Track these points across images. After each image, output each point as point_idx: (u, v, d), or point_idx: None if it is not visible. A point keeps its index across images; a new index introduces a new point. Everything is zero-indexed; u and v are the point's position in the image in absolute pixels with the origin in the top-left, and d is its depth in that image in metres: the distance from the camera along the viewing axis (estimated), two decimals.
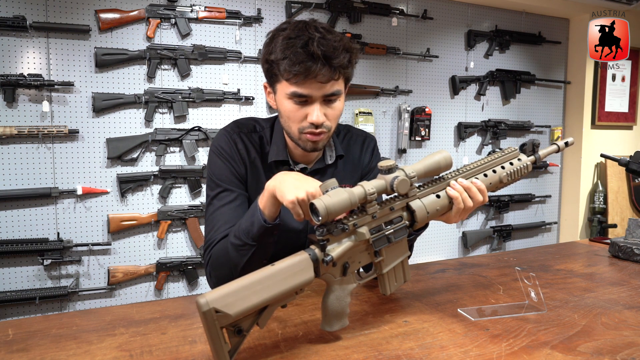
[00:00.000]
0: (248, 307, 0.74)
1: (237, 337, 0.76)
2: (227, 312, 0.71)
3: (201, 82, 2.71)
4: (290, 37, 1.00)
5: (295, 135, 1.08)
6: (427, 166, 0.93)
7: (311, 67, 0.98)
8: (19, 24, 2.27)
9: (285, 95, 1.04)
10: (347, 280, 0.87)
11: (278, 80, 1.05)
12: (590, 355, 0.82)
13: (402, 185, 0.88)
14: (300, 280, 0.80)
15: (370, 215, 0.88)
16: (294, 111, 1.05)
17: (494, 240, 3.67)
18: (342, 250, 0.84)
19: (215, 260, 1.08)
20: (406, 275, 0.97)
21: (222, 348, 0.73)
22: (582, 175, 3.88)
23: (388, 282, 0.94)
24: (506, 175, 1.04)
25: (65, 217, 2.47)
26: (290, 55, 0.98)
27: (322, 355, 0.81)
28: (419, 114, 3.26)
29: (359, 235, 0.86)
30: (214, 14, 2.68)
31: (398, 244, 0.93)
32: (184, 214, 2.66)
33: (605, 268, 1.42)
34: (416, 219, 0.93)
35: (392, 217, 0.91)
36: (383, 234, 0.90)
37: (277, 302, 0.79)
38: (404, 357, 0.81)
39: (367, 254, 0.89)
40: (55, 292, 2.38)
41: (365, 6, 3.05)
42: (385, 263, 0.92)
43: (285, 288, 0.78)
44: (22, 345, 0.85)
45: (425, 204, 0.94)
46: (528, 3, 3.52)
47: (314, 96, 1.03)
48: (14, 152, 2.35)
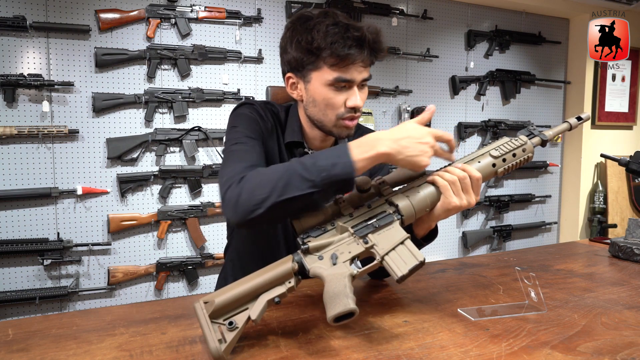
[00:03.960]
0: (232, 295, 0.81)
1: (231, 331, 0.79)
2: (212, 300, 0.80)
3: (201, 82, 2.71)
4: (333, 24, 1.02)
5: (331, 123, 1.09)
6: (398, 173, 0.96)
7: (360, 52, 1.02)
8: (19, 24, 2.27)
9: (325, 81, 1.05)
10: (340, 268, 0.86)
11: (317, 68, 1.05)
12: (590, 355, 0.82)
13: (362, 182, 0.91)
14: (280, 268, 0.84)
15: (347, 214, 0.91)
16: (334, 97, 1.06)
17: (494, 240, 3.67)
18: (320, 242, 0.88)
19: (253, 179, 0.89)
20: (416, 255, 0.87)
21: (211, 334, 0.77)
22: (582, 175, 3.88)
23: (394, 264, 0.87)
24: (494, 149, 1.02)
25: (65, 217, 2.47)
26: (339, 40, 1.00)
27: (322, 355, 0.81)
28: (419, 113, 3.25)
29: (337, 228, 0.89)
30: (214, 14, 2.68)
31: (389, 230, 0.90)
32: (184, 214, 2.66)
33: (605, 268, 1.42)
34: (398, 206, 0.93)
35: (373, 212, 0.92)
36: (366, 222, 0.90)
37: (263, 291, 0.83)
38: (404, 357, 0.81)
39: (355, 244, 0.89)
40: (55, 292, 2.38)
41: (365, 6, 3.05)
42: (379, 247, 0.88)
43: (266, 276, 0.83)
44: (22, 345, 0.85)
45: (406, 194, 0.95)
46: (528, 3, 3.52)
47: (355, 80, 1.05)
48: (14, 152, 2.35)
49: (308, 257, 0.86)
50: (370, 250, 0.89)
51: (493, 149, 1.02)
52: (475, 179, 0.97)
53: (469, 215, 3.61)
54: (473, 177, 0.97)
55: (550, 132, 1.07)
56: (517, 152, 1.03)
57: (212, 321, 0.78)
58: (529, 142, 1.04)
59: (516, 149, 1.03)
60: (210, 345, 0.76)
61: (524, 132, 1.07)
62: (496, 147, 1.03)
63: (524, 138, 1.04)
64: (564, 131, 1.10)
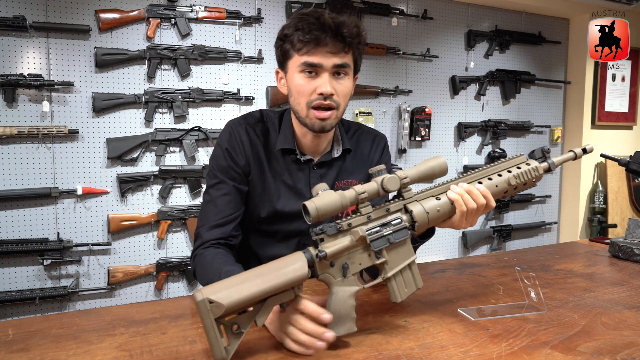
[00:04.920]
0: (242, 298, 0.75)
1: (235, 335, 0.76)
2: (220, 302, 0.73)
3: (201, 82, 2.71)
4: (303, 13, 1.07)
5: (304, 112, 1.10)
6: (421, 171, 0.92)
7: (321, 35, 1.04)
8: (19, 24, 2.27)
9: (296, 68, 1.08)
10: (349, 282, 0.86)
11: (290, 56, 1.09)
12: (590, 355, 0.82)
13: (391, 183, 0.88)
14: (294, 275, 0.80)
15: (365, 215, 0.88)
16: (304, 85, 1.08)
17: (494, 240, 3.67)
18: (337, 248, 0.84)
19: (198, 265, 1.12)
20: (417, 282, 0.92)
21: (217, 339, 0.74)
22: (582, 175, 3.88)
23: (397, 288, 0.90)
24: (513, 177, 1.00)
25: (65, 217, 2.47)
26: (303, 26, 1.05)
27: (322, 355, 0.81)
28: (419, 114, 3.26)
29: (354, 234, 0.86)
30: (214, 14, 2.68)
31: (401, 246, 0.91)
32: (184, 214, 2.66)
33: (605, 268, 1.42)
34: (415, 219, 0.92)
35: (389, 218, 0.90)
36: (381, 234, 0.88)
37: (272, 296, 0.79)
38: (404, 357, 0.81)
39: (367, 256, 0.88)
40: (55, 292, 2.38)
41: (365, 6, 3.05)
42: (389, 266, 0.89)
43: (279, 281, 0.78)
44: (22, 345, 0.85)
45: (424, 206, 0.93)
46: (528, 3, 3.52)
47: (324, 65, 1.06)
48: (14, 152, 2.35)
49: (321, 262, 0.84)
50: (380, 266, 0.90)
51: (513, 177, 1.00)
52: (489, 208, 0.98)
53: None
54: (488, 207, 0.97)
55: (557, 160, 1.07)
56: (528, 181, 1.02)
57: (217, 321, 0.75)
58: (541, 169, 1.03)
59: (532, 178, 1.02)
60: (215, 351, 0.74)
61: (538, 154, 1.06)
62: (516, 174, 1.01)
63: (536, 164, 1.03)
64: (569, 160, 1.09)
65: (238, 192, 1.17)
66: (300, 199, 1.20)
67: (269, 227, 1.22)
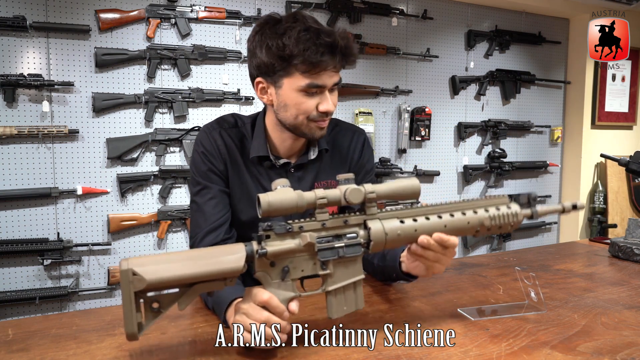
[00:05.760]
0: (167, 277, 0.73)
1: (152, 312, 0.74)
2: (143, 277, 0.71)
3: (201, 82, 2.71)
4: (305, 29, 1.01)
5: (303, 125, 1.09)
6: (390, 188, 0.87)
7: (331, 60, 1.02)
8: (19, 24, 2.27)
9: (297, 87, 1.05)
10: (286, 287, 0.82)
11: (288, 74, 1.04)
12: (590, 355, 0.82)
13: (354, 194, 0.83)
14: (228, 266, 0.76)
15: (319, 222, 0.84)
16: (306, 102, 1.06)
17: (494, 240, 3.67)
18: (280, 249, 0.80)
19: None
20: (358, 302, 0.87)
21: (132, 313, 0.71)
22: (582, 175, 3.88)
23: (335, 303, 0.85)
24: (489, 217, 0.92)
25: (65, 217, 2.47)
26: (311, 47, 0.99)
27: (321, 355, 0.81)
28: (419, 114, 3.26)
29: (303, 238, 0.82)
30: (214, 14, 2.68)
31: (350, 262, 0.86)
32: (184, 214, 2.66)
33: (605, 268, 1.42)
34: (371, 238, 0.86)
35: (346, 231, 0.86)
36: (332, 245, 0.84)
37: (200, 283, 0.76)
38: (404, 357, 0.81)
39: (312, 264, 0.84)
40: (55, 292, 2.37)
41: (365, 6, 3.05)
42: (332, 279, 0.85)
43: (210, 269, 0.75)
44: (22, 345, 0.85)
45: (385, 225, 0.86)
46: (528, 3, 3.52)
47: (327, 86, 1.06)
48: (14, 152, 2.35)
49: (260, 260, 0.80)
50: (323, 277, 0.85)
51: (488, 218, 0.93)
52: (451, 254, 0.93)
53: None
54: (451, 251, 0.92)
55: (541, 209, 0.98)
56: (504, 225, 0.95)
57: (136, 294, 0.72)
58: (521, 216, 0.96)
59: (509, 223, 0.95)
60: (127, 326, 0.72)
61: (522, 200, 0.98)
62: (492, 216, 0.93)
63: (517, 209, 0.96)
64: (555, 212, 1.01)
65: (223, 194, 1.16)
66: None
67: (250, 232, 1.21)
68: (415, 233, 0.88)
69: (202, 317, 1.00)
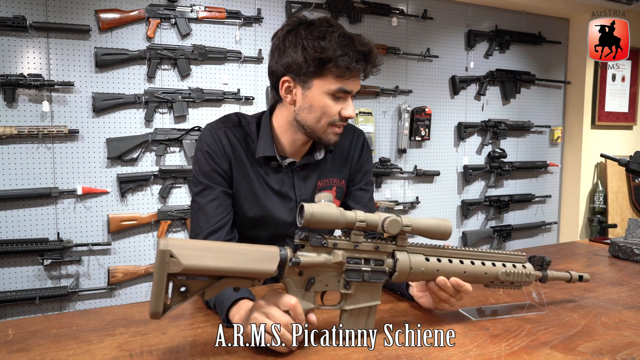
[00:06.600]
0: (201, 266, 0.74)
1: (179, 295, 0.75)
2: (179, 261, 0.72)
3: (201, 82, 2.71)
4: (342, 35, 1.05)
5: (322, 129, 1.11)
6: (426, 225, 0.90)
7: (366, 67, 1.07)
8: (19, 24, 2.27)
9: (327, 90, 1.07)
10: (307, 297, 0.84)
11: (321, 76, 1.06)
12: (590, 355, 0.82)
13: (392, 226, 0.85)
14: (260, 267, 0.78)
15: (353, 243, 0.86)
16: (331, 106, 1.08)
17: (494, 240, 3.67)
18: (312, 261, 0.83)
19: None
20: (369, 324, 0.89)
21: (161, 294, 0.72)
22: (582, 175, 3.88)
23: (348, 320, 0.87)
24: (505, 273, 0.98)
25: (65, 217, 2.47)
26: (349, 53, 1.03)
27: (322, 355, 0.81)
28: (419, 114, 3.26)
29: (334, 256, 0.84)
30: (214, 14, 2.68)
31: (371, 288, 0.89)
32: (184, 214, 2.66)
33: (605, 268, 1.42)
34: (396, 269, 0.89)
35: (374, 256, 0.88)
36: (359, 268, 0.86)
37: (230, 277, 0.77)
38: (404, 357, 0.81)
39: (336, 281, 0.86)
40: (55, 292, 2.37)
41: (365, 6, 3.05)
42: (352, 300, 0.87)
43: (243, 267, 0.76)
44: (22, 345, 0.85)
45: (412, 259, 0.90)
46: (528, 3, 3.52)
47: (353, 91, 1.09)
48: (14, 152, 2.35)
49: (291, 267, 0.82)
50: (343, 294, 0.88)
51: (504, 273, 0.98)
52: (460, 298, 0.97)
53: (469, 215, 3.61)
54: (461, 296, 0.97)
55: (551, 275, 1.06)
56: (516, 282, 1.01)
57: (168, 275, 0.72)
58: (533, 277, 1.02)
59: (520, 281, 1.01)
60: (153, 305, 0.72)
61: (537, 262, 1.04)
62: (508, 272, 0.99)
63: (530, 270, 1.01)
64: (563, 280, 1.09)
65: (225, 195, 1.16)
66: (286, 202, 1.20)
67: (254, 230, 1.22)
68: (437, 273, 0.93)
69: (202, 317, 1.00)
